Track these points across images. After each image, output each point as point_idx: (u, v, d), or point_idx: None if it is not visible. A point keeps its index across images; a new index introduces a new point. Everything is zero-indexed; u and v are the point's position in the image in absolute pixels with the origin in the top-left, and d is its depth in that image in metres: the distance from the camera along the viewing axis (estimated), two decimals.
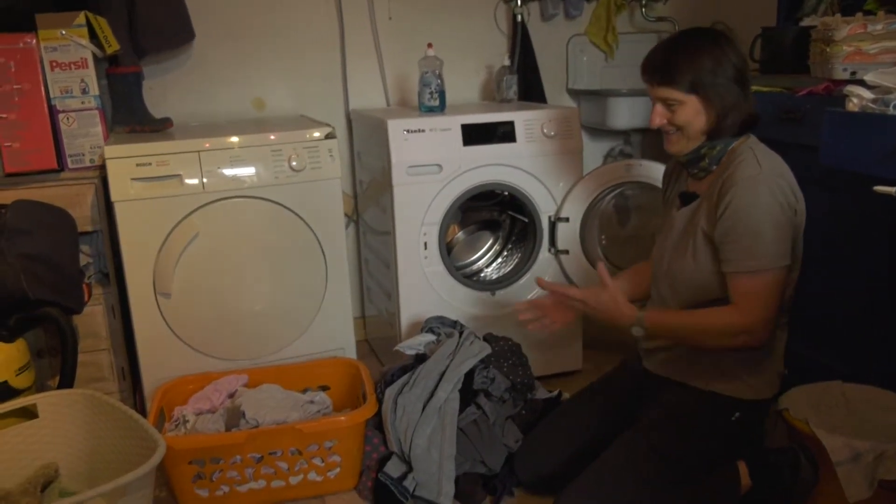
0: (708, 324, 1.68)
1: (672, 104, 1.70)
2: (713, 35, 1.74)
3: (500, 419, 2.08)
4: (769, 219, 1.61)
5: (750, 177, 1.63)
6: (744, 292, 1.65)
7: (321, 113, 2.93)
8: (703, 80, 1.67)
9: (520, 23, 3.08)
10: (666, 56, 1.71)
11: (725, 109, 1.69)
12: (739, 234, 1.63)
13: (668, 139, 1.76)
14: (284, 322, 2.39)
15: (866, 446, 1.74)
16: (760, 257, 1.61)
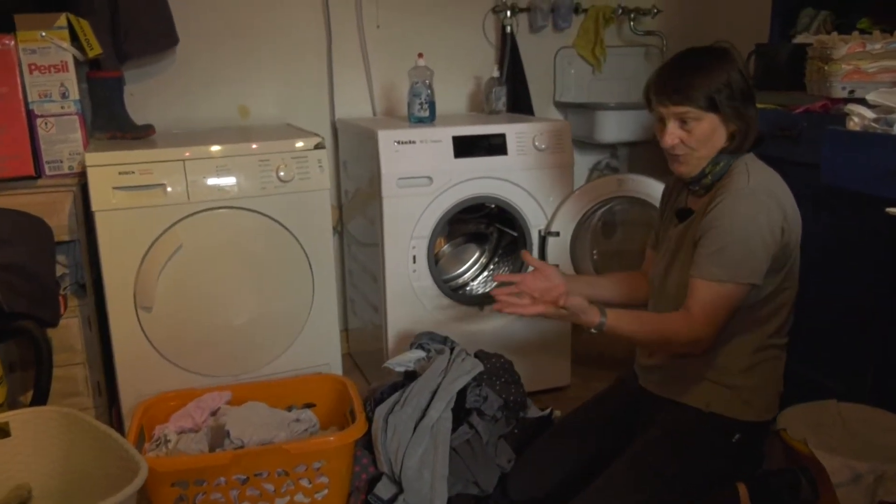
0: (659, 325, 1.67)
1: (688, 122, 1.66)
2: (721, 52, 1.71)
3: (492, 438, 2.03)
4: (743, 233, 1.59)
5: (737, 189, 1.62)
6: (698, 299, 1.62)
7: (307, 121, 2.87)
8: (721, 96, 1.64)
9: (509, 34, 3.05)
10: (679, 73, 1.68)
11: (745, 127, 1.67)
12: (710, 240, 1.61)
13: (675, 160, 1.72)
14: (269, 337, 2.32)
15: (866, 467, 1.72)
16: (723, 267, 1.59)
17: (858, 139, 1.70)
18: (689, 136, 1.67)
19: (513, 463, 2.01)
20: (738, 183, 1.62)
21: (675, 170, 1.74)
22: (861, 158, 1.70)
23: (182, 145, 2.20)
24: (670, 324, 1.65)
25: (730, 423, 1.72)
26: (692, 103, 1.64)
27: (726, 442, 1.72)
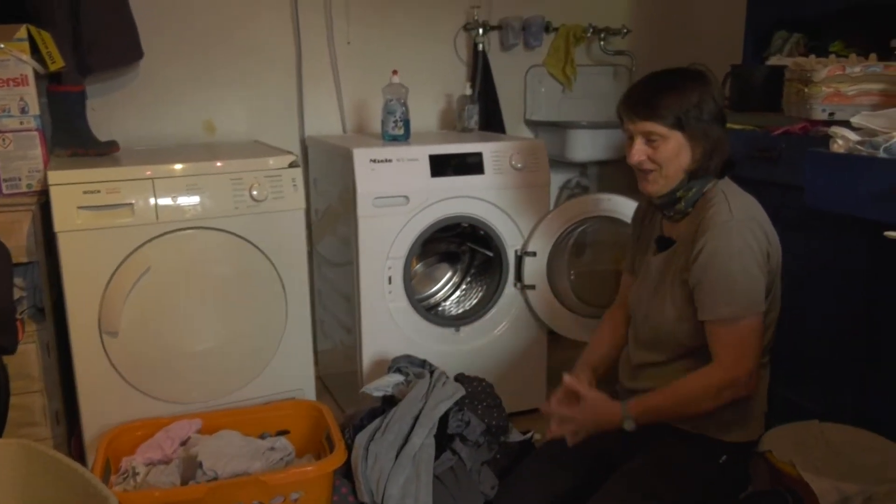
0: (692, 392, 1.63)
1: (654, 140, 1.66)
2: (697, 73, 1.71)
3: (475, 465, 1.98)
4: (741, 265, 1.58)
5: (722, 223, 1.60)
6: (724, 344, 1.61)
7: (275, 138, 2.80)
8: (689, 116, 1.63)
9: (481, 52, 3.03)
10: (650, 90, 1.68)
11: (711, 148, 1.66)
12: (712, 280, 1.59)
13: (644, 178, 1.70)
14: (241, 362, 2.24)
15: (855, 489, 1.71)
16: (735, 304, 1.59)
17: (844, 161, 1.70)
18: (654, 154, 1.66)
19: (496, 490, 1.96)
20: (722, 215, 1.60)
21: (644, 189, 1.73)
22: (846, 181, 1.70)
23: (150, 163, 2.11)
24: (703, 380, 1.62)
25: (716, 445, 1.70)
26: (659, 120, 1.63)
27: (713, 464, 1.70)
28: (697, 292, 1.62)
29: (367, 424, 2.00)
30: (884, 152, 1.62)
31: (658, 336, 1.72)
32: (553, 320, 2.58)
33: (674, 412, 1.67)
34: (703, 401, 1.63)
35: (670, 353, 1.72)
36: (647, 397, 1.67)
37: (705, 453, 1.69)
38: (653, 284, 1.75)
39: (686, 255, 1.65)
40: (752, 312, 1.59)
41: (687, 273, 1.64)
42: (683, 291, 1.66)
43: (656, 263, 1.75)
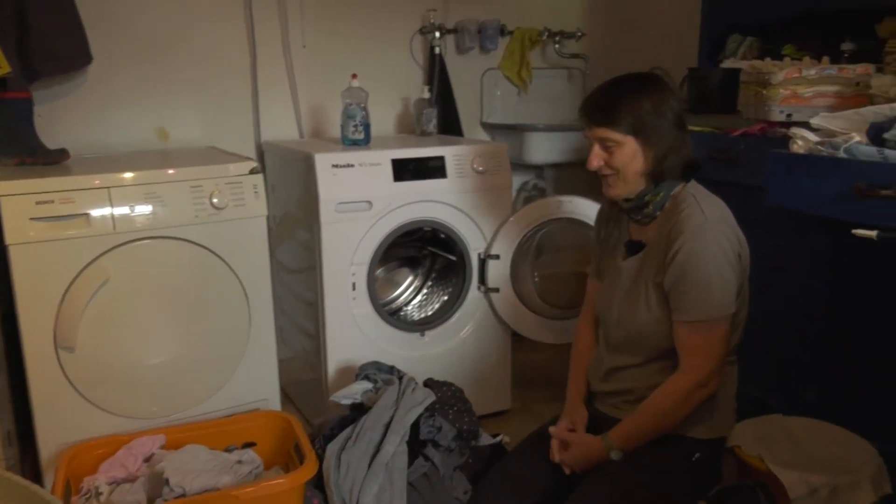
0: (663, 406, 1.67)
1: (610, 145, 1.68)
2: (654, 79, 1.73)
3: (448, 471, 1.97)
4: (716, 268, 1.61)
5: (696, 226, 1.62)
6: (691, 346, 1.65)
7: (231, 144, 2.74)
8: (644, 122, 1.65)
9: (437, 55, 3.02)
10: (606, 97, 1.70)
11: (665, 152, 1.68)
12: (688, 284, 1.62)
13: (605, 182, 1.73)
14: (204, 373, 2.18)
15: (822, 480, 1.75)
16: (708, 308, 1.62)
17: (804, 162, 1.75)
18: (611, 159, 1.68)
19: (469, 495, 1.95)
20: (695, 219, 1.63)
21: (606, 192, 1.75)
22: (807, 181, 1.74)
23: (104, 171, 2.04)
24: (673, 389, 1.66)
25: (690, 442, 1.72)
26: (613, 127, 1.66)
27: (687, 461, 1.72)
28: (672, 294, 1.64)
29: (337, 434, 1.97)
30: (843, 153, 1.67)
31: (631, 339, 1.74)
32: (517, 323, 2.58)
33: (654, 429, 1.69)
34: (677, 410, 1.67)
35: (644, 356, 1.74)
36: (624, 424, 1.72)
37: (679, 451, 1.71)
38: (624, 288, 1.76)
39: (659, 259, 1.67)
40: (723, 315, 1.63)
41: (661, 276, 1.66)
42: (657, 294, 1.68)
43: (627, 267, 1.76)
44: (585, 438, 1.76)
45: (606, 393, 1.82)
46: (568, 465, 1.76)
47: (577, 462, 1.75)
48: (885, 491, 1.81)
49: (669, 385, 1.67)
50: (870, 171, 1.62)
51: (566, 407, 1.90)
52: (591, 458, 1.73)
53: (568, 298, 2.64)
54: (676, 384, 1.66)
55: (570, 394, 1.92)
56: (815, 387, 2.10)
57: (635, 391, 1.75)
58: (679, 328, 1.66)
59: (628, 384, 1.76)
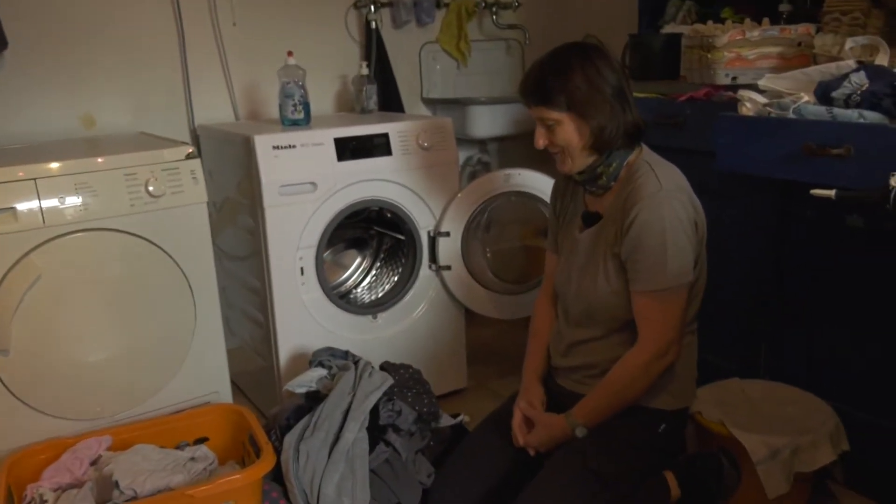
0: (623, 380, 1.66)
1: (550, 124, 1.66)
2: (585, 51, 1.68)
3: (410, 455, 1.93)
4: (672, 237, 1.59)
5: (651, 194, 1.60)
6: (648, 316, 1.64)
7: (163, 129, 2.62)
8: (577, 98, 1.62)
9: (374, 30, 2.94)
10: (540, 76, 1.67)
11: (602, 123, 1.65)
12: (644, 252, 1.60)
13: (556, 160, 1.71)
14: (148, 369, 2.09)
15: (784, 441, 1.78)
16: (665, 277, 1.60)
17: (754, 124, 1.75)
18: (553, 137, 1.67)
19: (433, 478, 1.92)
20: (650, 186, 1.60)
21: (559, 169, 1.73)
22: (758, 143, 1.75)
23: (29, 161, 1.91)
24: (632, 363, 1.65)
25: (655, 414, 1.72)
26: (549, 105, 1.64)
27: (653, 433, 1.72)
28: (629, 264, 1.62)
29: (294, 424, 1.91)
30: (793, 113, 1.67)
31: (591, 312, 1.72)
32: (471, 300, 2.55)
33: (617, 403, 1.68)
34: (637, 383, 1.66)
35: (604, 328, 1.72)
36: (586, 401, 1.70)
37: (645, 424, 1.71)
38: (582, 260, 1.74)
39: (615, 229, 1.65)
40: (679, 284, 1.61)
41: (618, 246, 1.64)
42: (615, 265, 1.66)
43: (584, 239, 1.74)
44: (548, 418, 1.74)
45: (568, 368, 1.80)
46: (532, 447, 1.74)
47: (542, 442, 1.72)
48: (844, 448, 1.85)
49: (628, 358, 1.66)
50: (818, 131, 1.64)
51: (522, 385, 1.88)
52: (555, 437, 1.71)
53: (520, 273, 2.62)
54: (635, 356, 1.65)
55: (527, 372, 1.89)
56: (769, 349, 2.13)
57: (598, 365, 1.73)
58: (636, 298, 1.64)
59: (590, 358, 1.74)
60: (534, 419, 1.77)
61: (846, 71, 1.66)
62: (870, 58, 1.77)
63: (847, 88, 1.61)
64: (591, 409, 1.69)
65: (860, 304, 1.90)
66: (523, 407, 1.80)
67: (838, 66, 1.69)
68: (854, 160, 1.56)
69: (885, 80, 1.58)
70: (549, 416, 1.75)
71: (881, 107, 1.56)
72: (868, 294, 1.88)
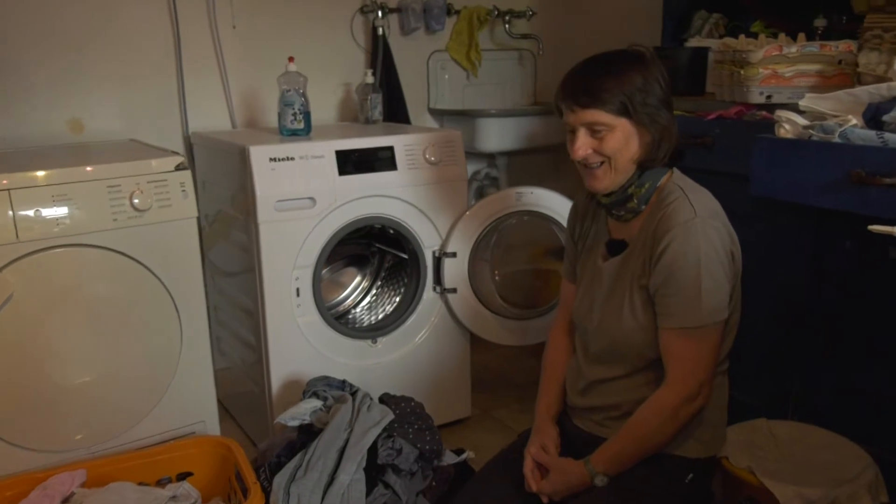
0: (649, 425, 1.50)
1: (600, 130, 1.49)
2: (637, 55, 1.55)
3: (410, 497, 1.78)
4: (707, 269, 1.44)
5: (685, 221, 1.45)
6: (679, 355, 1.48)
7: (155, 136, 2.49)
8: (635, 101, 1.47)
9: (381, 36, 2.80)
10: (590, 76, 1.50)
11: (659, 135, 1.51)
12: (677, 286, 1.45)
13: (591, 175, 1.53)
14: (129, 397, 1.94)
15: (819, 493, 1.62)
16: (698, 314, 1.45)
17: (796, 148, 1.60)
18: (601, 146, 1.49)
19: None
20: (683, 213, 1.46)
21: (592, 186, 1.55)
22: (798, 168, 1.60)
23: (5, 170, 1.77)
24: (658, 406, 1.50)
25: (682, 462, 1.56)
26: (602, 107, 1.47)
27: (679, 484, 1.56)
28: (659, 298, 1.47)
29: (285, 461, 1.76)
30: (839, 137, 1.53)
31: (615, 348, 1.56)
32: (477, 325, 2.40)
33: (641, 451, 1.52)
34: (664, 428, 1.50)
35: (629, 367, 1.56)
36: (607, 446, 1.54)
37: (671, 473, 1.55)
38: (605, 292, 1.58)
39: (643, 258, 1.50)
40: (713, 322, 1.46)
41: (646, 278, 1.49)
42: (642, 298, 1.51)
43: (609, 269, 1.58)
44: (565, 464, 1.58)
45: (586, 408, 1.65)
46: (547, 494, 1.58)
47: (557, 491, 1.57)
48: (883, 500, 1.69)
49: (654, 401, 1.51)
50: (869, 157, 1.49)
51: (535, 426, 1.72)
52: (572, 486, 1.55)
53: (530, 297, 2.47)
54: (662, 399, 1.50)
55: (540, 411, 1.74)
56: (799, 387, 1.97)
57: (620, 406, 1.57)
58: (665, 335, 1.49)
59: (612, 399, 1.59)
60: (548, 465, 1.61)
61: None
62: None
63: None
64: (612, 456, 1.54)
65: None
66: (535, 452, 1.64)
67: (889, 87, 1.54)
68: None
69: None
70: (565, 461, 1.59)
71: None
72: None
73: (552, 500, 1.59)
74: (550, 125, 2.98)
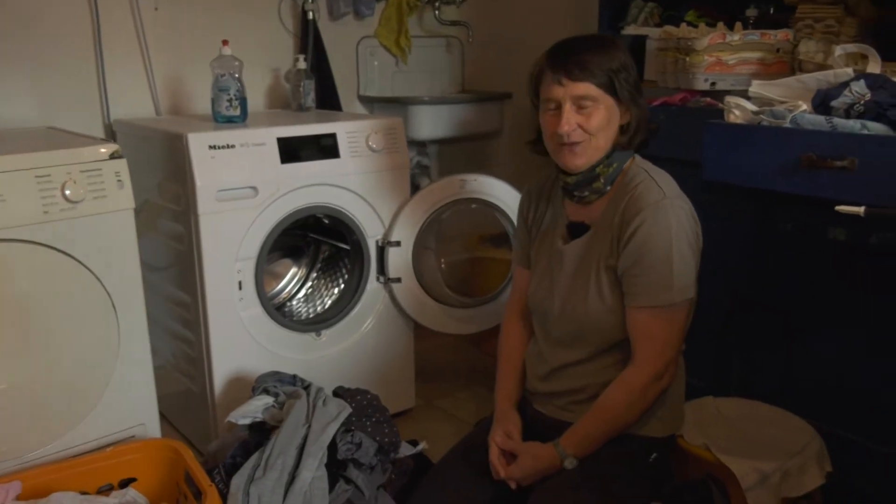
0: (619, 405, 1.53)
1: (586, 105, 1.49)
2: (613, 39, 1.59)
3: (372, 491, 1.74)
4: (678, 248, 1.48)
5: (655, 202, 1.48)
6: (648, 334, 1.51)
7: (74, 123, 2.33)
8: (619, 78, 1.50)
9: (311, 21, 2.72)
10: (581, 48, 1.51)
11: (637, 118, 1.54)
12: (649, 265, 1.47)
13: (570, 151, 1.52)
14: (62, 401, 1.81)
15: (773, 466, 1.69)
16: (670, 292, 1.48)
17: (748, 133, 1.65)
18: (587, 122, 1.50)
19: None
20: (653, 194, 1.48)
21: (569, 162, 1.54)
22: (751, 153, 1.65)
23: None
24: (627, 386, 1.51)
25: (645, 442, 1.60)
26: (593, 81, 1.48)
27: (644, 463, 1.59)
28: (629, 278, 1.48)
29: (241, 462, 1.69)
30: (790, 122, 1.58)
31: (581, 331, 1.57)
32: (422, 314, 2.37)
33: (610, 430, 1.54)
34: (633, 408, 1.53)
35: (593, 349, 1.57)
36: (576, 429, 1.55)
37: (636, 454, 1.58)
38: (569, 274, 1.59)
39: (609, 239, 1.51)
40: (683, 298, 1.49)
41: (614, 259, 1.50)
42: (610, 279, 1.52)
43: (571, 251, 1.59)
44: (534, 448, 1.58)
45: (549, 393, 1.66)
46: (516, 479, 1.58)
47: (527, 476, 1.57)
48: (828, 469, 1.77)
49: (624, 381, 1.53)
50: (819, 142, 1.54)
51: (496, 414, 1.71)
52: (541, 470, 1.56)
53: (477, 285, 2.47)
54: (632, 379, 1.52)
55: (500, 400, 1.73)
56: (742, 365, 2.05)
57: (586, 389, 1.59)
58: (636, 315, 1.51)
59: (577, 382, 1.60)
60: (516, 451, 1.61)
61: (844, 79, 1.58)
62: (857, 66, 1.70)
63: (848, 98, 1.53)
64: (581, 438, 1.54)
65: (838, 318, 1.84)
66: (500, 440, 1.63)
67: (836, 74, 1.61)
68: (858, 173, 1.47)
69: (889, 91, 1.50)
70: (534, 445, 1.59)
71: (886, 117, 1.48)
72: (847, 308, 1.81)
73: (520, 485, 1.59)
74: (481, 113, 2.98)
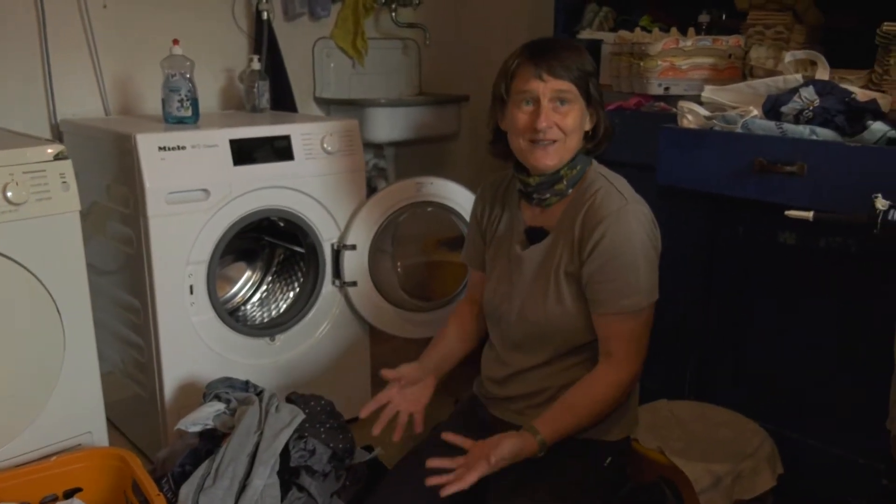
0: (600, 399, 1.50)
1: (564, 104, 1.49)
2: None
3: (325, 499, 1.71)
4: (642, 253, 1.49)
5: (618, 209, 1.48)
6: (621, 338, 1.50)
7: (18, 123, 2.26)
8: (591, 82, 1.52)
9: (266, 21, 2.68)
10: (559, 48, 1.51)
11: (603, 124, 1.56)
12: (615, 271, 1.47)
13: (543, 150, 1.50)
14: (4, 410, 1.74)
15: (725, 469, 1.71)
16: (637, 295, 1.48)
17: (701, 138, 1.67)
18: (563, 120, 1.49)
19: None
20: (614, 201, 1.48)
21: (540, 162, 1.51)
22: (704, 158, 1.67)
23: None
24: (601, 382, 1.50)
25: (601, 447, 1.59)
26: (572, 79, 1.49)
27: (599, 467, 1.59)
28: (593, 285, 1.48)
29: (190, 470, 1.65)
30: (741, 128, 1.60)
31: (540, 335, 1.56)
32: (378, 319, 2.35)
33: (584, 425, 1.52)
34: (612, 402, 1.52)
35: (551, 353, 1.57)
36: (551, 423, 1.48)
37: (593, 459, 1.57)
38: (528, 280, 1.58)
39: (570, 246, 1.50)
40: (650, 302, 1.50)
41: (574, 266, 1.50)
42: (571, 286, 1.51)
43: (530, 257, 1.58)
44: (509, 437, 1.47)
45: (507, 398, 1.64)
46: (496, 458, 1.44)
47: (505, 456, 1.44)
48: (779, 471, 1.80)
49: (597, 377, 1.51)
50: (770, 147, 1.57)
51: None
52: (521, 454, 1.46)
53: (432, 289, 2.45)
54: (605, 376, 1.50)
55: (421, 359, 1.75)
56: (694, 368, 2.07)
57: (545, 392, 1.58)
58: (606, 321, 1.50)
59: (536, 386, 1.59)
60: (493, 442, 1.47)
61: (794, 85, 1.60)
62: (806, 72, 1.73)
63: (797, 104, 1.55)
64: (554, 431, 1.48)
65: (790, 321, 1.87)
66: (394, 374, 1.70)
67: (786, 80, 1.63)
68: (807, 178, 1.50)
69: (837, 97, 1.53)
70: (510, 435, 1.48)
71: (833, 123, 1.51)
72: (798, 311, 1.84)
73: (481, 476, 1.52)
74: (439, 116, 2.97)
